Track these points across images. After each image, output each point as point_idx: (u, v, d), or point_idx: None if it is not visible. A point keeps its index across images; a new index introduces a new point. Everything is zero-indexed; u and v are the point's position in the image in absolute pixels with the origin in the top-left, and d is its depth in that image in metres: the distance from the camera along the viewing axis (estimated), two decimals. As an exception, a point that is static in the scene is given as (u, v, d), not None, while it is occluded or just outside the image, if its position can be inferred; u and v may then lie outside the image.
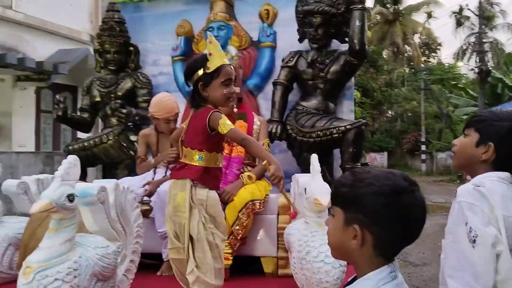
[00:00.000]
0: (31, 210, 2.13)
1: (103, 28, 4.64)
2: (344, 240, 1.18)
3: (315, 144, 3.92)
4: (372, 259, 1.16)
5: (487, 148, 1.66)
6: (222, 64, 2.45)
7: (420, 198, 1.16)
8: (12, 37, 9.30)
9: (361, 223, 1.15)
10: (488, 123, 1.69)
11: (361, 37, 3.86)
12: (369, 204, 1.14)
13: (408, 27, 33.69)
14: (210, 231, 2.44)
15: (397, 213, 1.13)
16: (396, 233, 1.14)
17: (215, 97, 2.46)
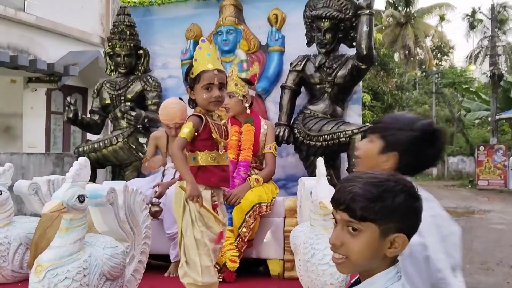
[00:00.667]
0: (43, 210, 2.19)
1: (113, 31, 4.70)
2: (378, 253, 1.20)
3: (322, 148, 3.95)
4: (384, 260, 1.21)
5: (390, 157, 1.66)
6: (203, 70, 2.58)
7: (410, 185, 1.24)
8: (24, 39, 9.43)
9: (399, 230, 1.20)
10: (393, 131, 1.68)
11: (368, 42, 3.88)
12: (398, 209, 1.19)
13: (420, 30, 33.55)
14: (199, 229, 2.53)
15: (416, 213, 1.23)
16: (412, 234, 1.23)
17: (199, 101, 2.64)
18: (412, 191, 1.22)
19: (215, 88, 2.59)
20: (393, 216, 1.18)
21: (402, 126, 1.68)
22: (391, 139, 1.67)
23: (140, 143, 4.46)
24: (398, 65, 25.17)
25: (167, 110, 3.77)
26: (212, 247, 2.56)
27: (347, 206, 1.19)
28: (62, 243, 2.20)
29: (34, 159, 5.63)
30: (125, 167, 4.60)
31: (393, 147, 1.66)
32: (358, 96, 4.43)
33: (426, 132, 1.66)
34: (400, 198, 1.18)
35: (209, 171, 2.61)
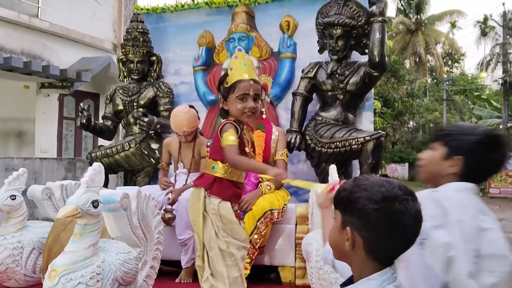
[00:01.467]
0: (58, 215, 2.20)
1: (127, 38, 4.73)
2: (340, 242, 1.26)
3: (334, 155, 3.94)
4: (366, 263, 1.22)
5: (456, 162, 1.68)
6: (239, 79, 2.51)
7: (413, 207, 1.20)
8: (37, 45, 9.53)
9: (353, 226, 1.22)
10: (456, 137, 1.72)
11: (381, 49, 3.87)
12: (361, 208, 1.20)
13: (430, 37, 33.44)
14: (224, 240, 2.48)
15: (386, 219, 1.18)
16: (386, 239, 1.19)
17: (232, 110, 2.55)
18: (388, 196, 1.19)
19: (250, 99, 2.51)
20: (350, 208, 1.23)
21: (465, 132, 1.71)
22: (455, 144, 1.70)
23: (152, 149, 4.48)
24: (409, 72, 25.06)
25: (176, 119, 3.80)
26: (240, 256, 2.51)
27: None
28: (76, 248, 2.22)
29: (47, 164, 5.67)
30: (136, 172, 4.63)
31: (457, 152, 1.69)
32: (370, 103, 4.41)
33: (489, 136, 1.69)
34: (363, 194, 1.21)
35: (225, 185, 2.54)
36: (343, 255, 1.28)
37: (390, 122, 22.22)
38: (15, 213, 3.32)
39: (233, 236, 2.51)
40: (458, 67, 38.42)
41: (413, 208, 1.20)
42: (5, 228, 3.30)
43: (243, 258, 2.56)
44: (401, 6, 34.67)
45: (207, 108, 4.74)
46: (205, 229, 2.51)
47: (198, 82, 4.80)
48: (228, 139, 2.45)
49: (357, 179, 1.27)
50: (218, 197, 2.51)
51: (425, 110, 30.31)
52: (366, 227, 1.20)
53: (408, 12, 34.26)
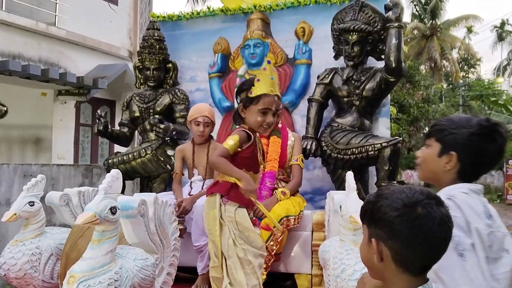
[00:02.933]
0: (76, 222, 2.21)
1: (143, 45, 4.77)
2: (369, 257, 1.22)
3: (350, 161, 3.92)
4: (399, 275, 1.17)
5: (450, 158, 1.62)
6: (265, 93, 2.53)
7: (437, 211, 1.16)
8: (55, 52, 9.66)
9: (378, 237, 1.18)
10: (448, 131, 1.65)
11: (397, 54, 3.85)
12: (382, 217, 1.17)
13: (446, 42, 33.17)
14: (241, 247, 2.49)
15: (409, 225, 1.14)
16: (413, 246, 1.15)
17: (250, 121, 2.59)
18: (409, 202, 1.17)
19: (270, 114, 2.56)
20: (374, 219, 1.20)
21: (457, 125, 1.65)
22: (448, 139, 1.64)
23: (168, 156, 4.50)
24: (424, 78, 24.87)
25: (198, 106, 3.94)
26: (257, 263, 2.51)
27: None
28: (94, 254, 2.23)
29: (64, 171, 5.73)
30: (153, 179, 4.64)
31: (451, 147, 1.63)
32: (387, 109, 4.38)
33: (483, 127, 1.62)
34: (384, 203, 1.18)
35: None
36: (376, 272, 1.24)
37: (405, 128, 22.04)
38: (33, 219, 3.34)
39: (250, 244, 2.52)
40: (474, 72, 38.02)
41: (437, 212, 1.16)
42: (23, 234, 3.32)
43: (260, 266, 2.56)
44: (416, 11, 34.46)
45: (222, 114, 4.76)
46: (222, 238, 2.53)
47: (213, 89, 4.82)
48: (226, 142, 2.53)
49: (380, 189, 1.26)
50: (235, 204, 2.52)
51: (441, 115, 29.98)
52: (391, 236, 1.16)
53: (423, 17, 34.04)
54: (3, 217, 3.18)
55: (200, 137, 3.87)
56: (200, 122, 3.83)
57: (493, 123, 1.65)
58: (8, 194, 5.06)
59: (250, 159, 2.59)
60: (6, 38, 8.72)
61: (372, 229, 1.21)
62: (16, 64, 7.86)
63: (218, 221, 2.52)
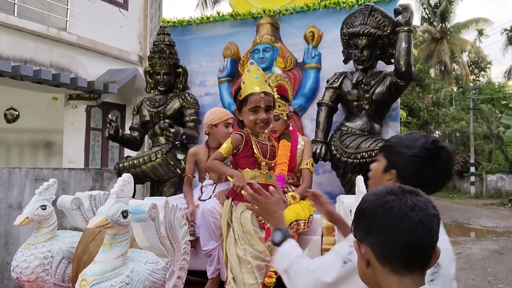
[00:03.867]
0: (89, 225, 2.24)
1: (154, 50, 4.81)
2: (360, 268, 1.17)
3: (360, 165, 3.91)
4: (388, 277, 1.11)
5: (391, 176, 1.64)
6: (250, 93, 2.66)
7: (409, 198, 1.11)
8: (66, 57, 9.74)
9: (360, 239, 1.15)
10: (393, 149, 1.67)
11: (407, 58, 3.85)
12: (358, 214, 1.16)
13: (456, 45, 33.02)
14: (242, 247, 2.58)
15: (379, 210, 1.11)
16: (388, 235, 1.09)
17: (245, 121, 2.73)
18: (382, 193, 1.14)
19: (261, 111, 2.67)
20: (355, 221, 1.17)
21: (403, 145, 1.66)
22: (392, 157, 1.67)
23: (178, 159, 4.52)
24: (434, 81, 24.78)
25: (220, 109, 3.99)
26: (255, 265, 2.58)
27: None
28: (105, 258, 2.25)
29: (75, 174, 5.77)
30: (163, 183, 4.66)
31: (393, 165, 1.65)
32: (397, 112, 4.38)
33: (425, 149, 1.62)
34: (362, 201, 1.16)
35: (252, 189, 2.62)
36: (371, 282, 1.17)
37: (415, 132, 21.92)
38: (45, 223, 3.37)
39: (251, 246, 2.59)
40: (485, 75, 37.82)
41: (410, 199, 1.11)
42: (35, 238, 3.35)
43: (259, 268, 2.61)
44: (426, 14, 34.37)
45: (233, 118, 4.78)
46: (228, 236, 2.61)
47: (223, 93, 4.85)
48: (222, 146, 2.72)
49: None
50: (243, 206, 2.58)
51: (451, 119, 29.84)
52: (368, 230, 1.12)
53: (433, 20, 33.94)
54: (16, 220, 3.22)
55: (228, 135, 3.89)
56: (229, 124, 3.86)
57: (437, 146, 1.64)
58: (20, 197, 5.11)
59: (249, 158, 2.69)
60: (18, 43, 8.82)
61: (355, 233, 1.17)
62: (27, 69, 7.93)
63: (227, 222, 2.60)
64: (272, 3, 4.86)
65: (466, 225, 13.50)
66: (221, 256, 3.53)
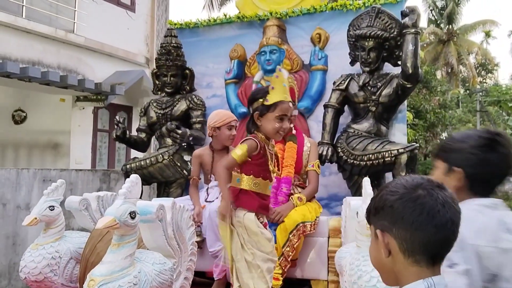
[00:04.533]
0: (97, 226, 2.26)
1: (161, 52, 4.83)
2: (378, 256, 1.16)
3: (367, 168, 3.91)
4: (408, 268, 1.11)
5: (457, 175, 1.61)
6: (281, 100, 2.61)
7: (440, 194, 1.11)
8: (73, 59, 9.79)
9: (383, 228, 1.14)
10: (450, 149, 1.65)
11: (414, 60, 3.84)
12: (384, 205, 1.14)
13: (462, 47, 32.87)
14: (250, 252, 2.55)
15: (410, 205, 1.09)
16: (417, 229, 1.09)
17: (267, 128, 2.65)
18: (410, 185, 1.13)
19: (286, 120, 2.64)
20: (377, 212, 1.16)
21: (458, 141, 1.65)
22: (452, 157, 1.64)
23: (185, 161, 4.54)
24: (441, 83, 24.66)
25: (223, 112, 3.93)
26: (266, 268, 2.55)
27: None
28: (113, 258, 2.26)
29: (82, 175, 5.79)
30: (169, 184, 4.68)
31: (455, 164, 1.62)
32: (403, 114, 4.37)
33: (482, 138, 1.61)
34: (385, 192, 1.15)
35: (250, 196, 2.64)
36: (387, 273, 1.17)
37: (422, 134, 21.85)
38: (53, 224, 3.39)
39: (259, 249, 2.57)
40: (492, 77, 37.60)
41: (439, 193, 1.11)
42: (43, 238, 3.38)
43: (269, 271, 2.59)
44: (433, 16, 34.23)
45: (238, 120, 4.77)
46: (232, 242, 2.58)
47: (229, 95, 4.86)
48: (235, 151, 2.62)
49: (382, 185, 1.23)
50: (244, 209, 2.58)
51: (458, 121, 29.68)
52: (394, 222, 1.11)
53: (440, 22, 33.80)
54: (24, 221, 3.25)
55: (232, 141, 3.89)
56: (233, 126, 3.86)
57: (493, 133, 1.64)
58: (28, 198, 5.14)
59: (258, 166, 2.65)
60: (26, 45, 8.87)
61: (376, 222, 1.16)
62: (35, 70, 7.98)
63: (229, 227, 2.57)
64: (279, 5, 4.87)
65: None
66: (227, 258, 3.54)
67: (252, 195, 2.64)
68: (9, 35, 8.61)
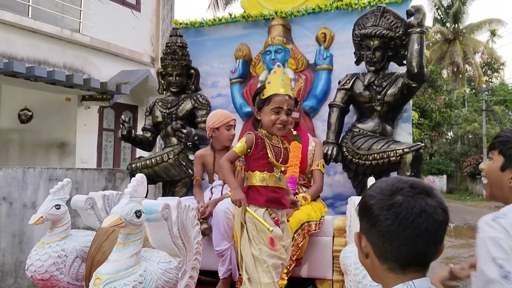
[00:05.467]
0: (103, 225, 2.27)
1: (166, 52, 4.84)
2: (359, 255, 1.13)
3: (372, 167, 3.91)
4: (385, 273, 1.07)
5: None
6: (275, 93, 2.66)
7: (418, 200, 1.04)
8: (79, 59, 9.83)
9: (361, 230, 1.11)
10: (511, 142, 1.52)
11: (419, 60, 3.83)
12: (363, 207, 1.10)
13: (468, 46, 32.76)
14: (257, 247, 2.59)
15: (384, 213, 1.04)
16: (389, 238, 1.03)
17: (265, 121, 2.72)
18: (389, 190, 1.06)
19: (283, 113, 2.68)
20: (359, 213, 1.12)
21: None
22: (511, 152, 1.52)
23: (190, 160, 4.55)
24: (446, 82, 24.62)
25: (221, 112, 3.94)
26: (271, 263, 2.59)
27: None
28: (119, 257, 2.28)
29: (88, 175, 5.83)
30: (175, 183, 4.70)
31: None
32: (409, 114, 4.36)
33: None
34: (365, 193, 1.10)
35: (257, 191, 2.68)
36: (370, 272, 1.13)
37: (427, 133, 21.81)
38: (59, 222, 3.41)
39: (266, 245, 2.60)
40: (498, 76, 37.45)
41: (418, 201, 1.03)
42: (49, 237, 3.40)
43: (275, 267, 2.62)
44: (438, 15, 34.13)
45: (243, 119, 4.79)
46: (242, 237, 2.62)
47: (234, 94, 4.87)
48: (236, 145, 2.72)
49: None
50: (254, 205, 2.61)
51: (464, 120, 29.62)
52: (370, 226, 1.07)
53: (446, 21, 33.70)
54: (30, 219, 3.27)
55: (231, 141, 3.91)
56: (231, 126, 3.88)
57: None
58: (34, 197, 5.17)
59: (260, 160, 2.69)
60: (32, 44, 8.91)
61: (359, 221, 1.12)
62: (41, 70, 8.02)
63: (241, 222, 2.61)
64: (284, 5, 4.87)
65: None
66: (233, 257, 3.55)
67: (260, 190, 2.69)
68: (15, 35, 8.65)
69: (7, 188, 4.95)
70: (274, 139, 2.76)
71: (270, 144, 2.71)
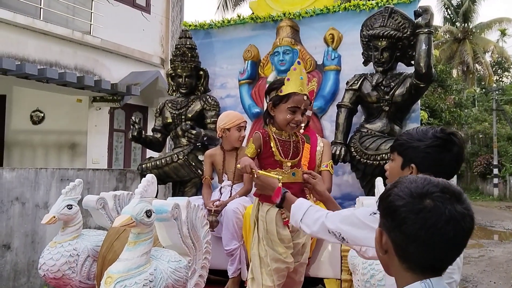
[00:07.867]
0: (114, 224, 2.31)
1: (176, 53, 4.89)
2: (377, 250, 1.13)
3: (380, 167, 3.90)
4: (402, 272, 1.07)
5: (411, 170, 1.69)
6: (294, 91, 2.59)
7: (448, 206, 1.02)
8: (90, 60, 9.93)
9: (384, 227, 1.10)
10: (407, 146, 1.73)
11: (427, 60, 3.84)
12: (389, 206, 1.09)
13: (478, 45, 32.51)
14: (264, 248, 2.58)
15: (412, 217, 1.03)
16: (414, 241, 1.03)
17: (279, 119, 2.64)
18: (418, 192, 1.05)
19: (299, 112, 2.62)
20: (381, 208, 1.12)
21: (415, 139, 1.73)
22: (408, 153, 1.73)
23: (199, 161, 4.59)
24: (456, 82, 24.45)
25: (233, 113, 3.98)
26: (274, 267, 2.58)
27: None
28: (130, 256, 2.32)
29: (99, 175, 5.89)
30: (184, 183, 4.74)
31: (411, 160, 1.71)
32: (417, 114, 4.37)
33: (437, 138, 1.70)
34: (392, 192, 1.09)
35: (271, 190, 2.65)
36: (384, 265, 1.14)
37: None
38: (71, 222, 3.47)
39: (272, 248, 2.59)
40: (508, 76, 37.16)
41: (448, 208, 1.02)
42: (62, 236, 3.46)
43: (277, 271, 2.60)
44: (448, 14, 33.92)
45: (252, 120, 4.82)
46: (253, 234, 2.63)
47: (243, 95, 4.90)
48: (246, 150, 2.68)
49: (400, 177, 1.15)
50: (267, 204, 2.59)
51: (474, 120, 29.40)
52: (394, 227, 1.06)
53: (455, 20, 33.47)
54: (43, 219, 3.32)
55: (241, 142, 3.94)
56: (242, 127, 3.91)
57: (448, 133, 1.72)
58: (46, 197, 5.25)
59: (269, 158, 2.65)
60: (44, 46, 9.02)
61: (381, 218, 1.12)
62: (53, 72, 8.11)
63: (253, 221, 2.61)
64: (292, 6, 4.90)
65: (489, 228, 13.31)
66: (242, 256, 3.58)
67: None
68: (27, 37, 8.76)
69: (20, 189, 5.03)
70: (283, 134, 2.70)
71: (277, 140, 2.65)
